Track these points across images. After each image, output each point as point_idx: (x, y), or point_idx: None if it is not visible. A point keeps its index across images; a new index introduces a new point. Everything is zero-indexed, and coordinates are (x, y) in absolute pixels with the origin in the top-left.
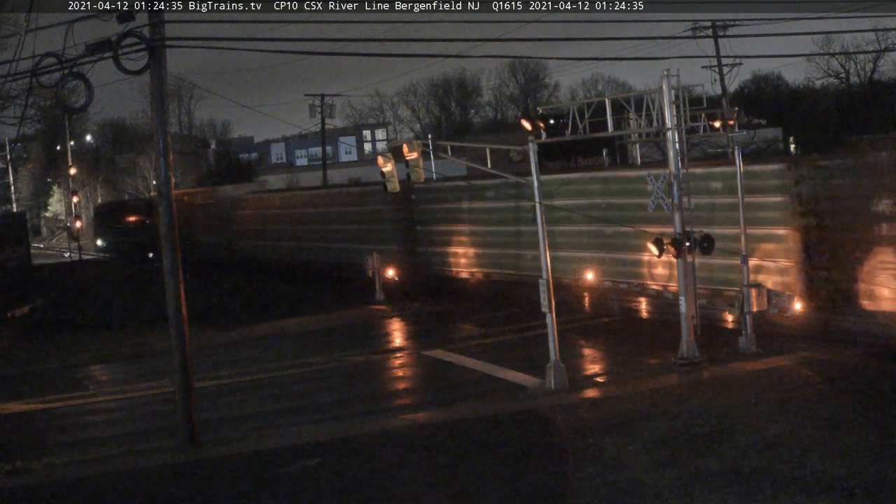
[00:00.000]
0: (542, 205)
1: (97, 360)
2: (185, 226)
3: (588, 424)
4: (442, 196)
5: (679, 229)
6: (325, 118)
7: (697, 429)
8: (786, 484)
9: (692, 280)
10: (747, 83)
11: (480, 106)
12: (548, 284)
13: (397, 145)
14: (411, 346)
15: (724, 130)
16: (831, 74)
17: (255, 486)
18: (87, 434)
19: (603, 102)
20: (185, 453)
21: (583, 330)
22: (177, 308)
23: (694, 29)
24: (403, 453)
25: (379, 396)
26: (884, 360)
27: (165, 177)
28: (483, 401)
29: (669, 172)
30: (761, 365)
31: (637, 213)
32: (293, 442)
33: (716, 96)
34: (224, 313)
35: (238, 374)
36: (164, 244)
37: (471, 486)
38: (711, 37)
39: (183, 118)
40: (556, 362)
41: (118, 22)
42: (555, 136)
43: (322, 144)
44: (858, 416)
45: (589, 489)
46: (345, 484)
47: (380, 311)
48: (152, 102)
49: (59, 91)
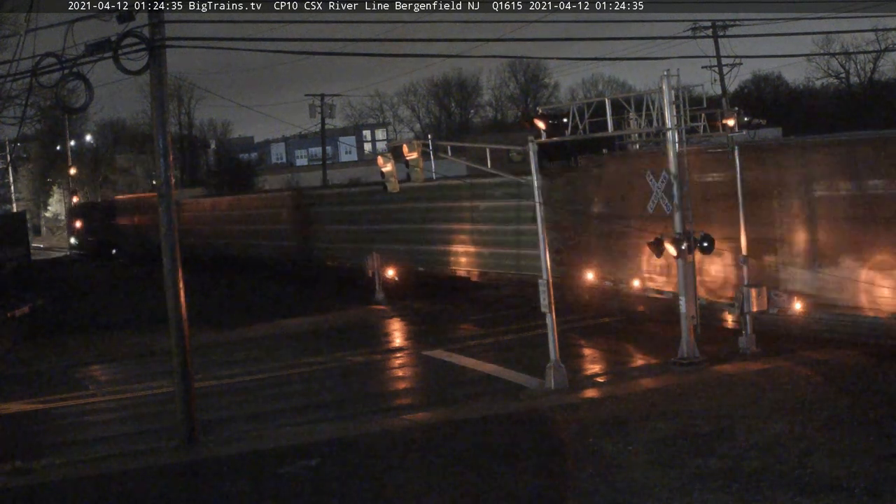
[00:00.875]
0: (541, 205)
1: (97, 360)
2: (136, 227)
3: (588, 424)
4: (336, 199)
5: (679, 229)
6: (325, 118)
7: (697, 429)
8: (786, 484)
9: (692, 280)
10: (747, 83)
11: (480, 106)
12: (548, 284)
13: (397, 145)
14: (411, 346)
15: (724, 130)
16: (831, 74)
17: (254, 486)
18: (87, 434)
19: (603, 102)
20: (185, 453)
21: (583, 330)
22: (176, 308)
23: (694, 29)
24: (403, 453)
25: (379, 396)
26: (884, 360)
27: (165, 177)
28: (483, 401)
29: (669, 171)
30: (761, 365)
31: (496, 214)
32: (293, 442)
33: (716, 96)
34: (224, 313)
35: (238, 374)
36: (164, 244)
37: (471, 487)
38: (711, 37)
39: (183, 118)
40: (556, 362)
41: (118, 22)
42: (555, 136)
43: (322, 144)
44: (858, 416)
45: (589, 489)
46: (345, 484)
47: (380, 311)
48: (152, 102)
49: (59, 91)
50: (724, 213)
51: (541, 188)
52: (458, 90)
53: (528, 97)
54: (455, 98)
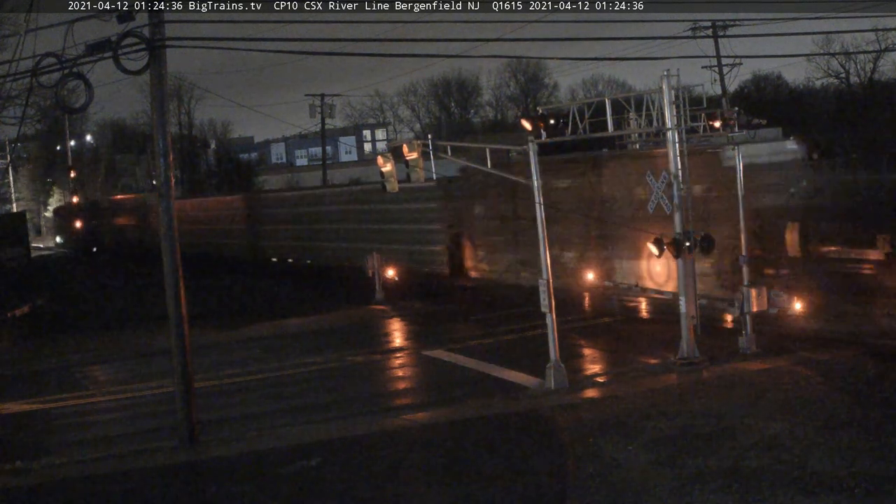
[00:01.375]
0: (542, 206)
1: (97, 360)
2: (114, 227)
3: (588, 424)
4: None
5: (679, 229)
6: (325, 118)
7: (697, 429)
8: (786, 484)
9: (692, 280)
10: (747, 83)
11: (480, 106)
12: (548, 285)
13: (397, 145)
14: (411, 346)
15: (724, 130)
16: (831, 74)
17: (254, 486)
18: (87, 434)
19: (603, 102)
20: (185, 453)
21: (583, 330)
22: (177, 308)
23: (694, 29)
24: (403, 453)
25: (379, 396)
26: (884, 360)
27: (165, 177)
28: (483, 401)
29: (669, 171)
30: (761, 365)
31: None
32: (293, 442)
33: (716, 96)
34: (224, 313)
35: (238, 374)
36: (164, 244)
37: (471, 486)
38: (711, 37)
39: (183, 118)
40: (556, 362)
41: (118, 22)
42: (555, 136)
43: (322, 144)
44: (858, 416)
45: (589, 489)
46: (345, 484)
47: (380, 311)
48: (152, 102)
49: (59, 91)
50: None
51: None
52: (458, 90)
53: (528, 97)
54: (455, 98)
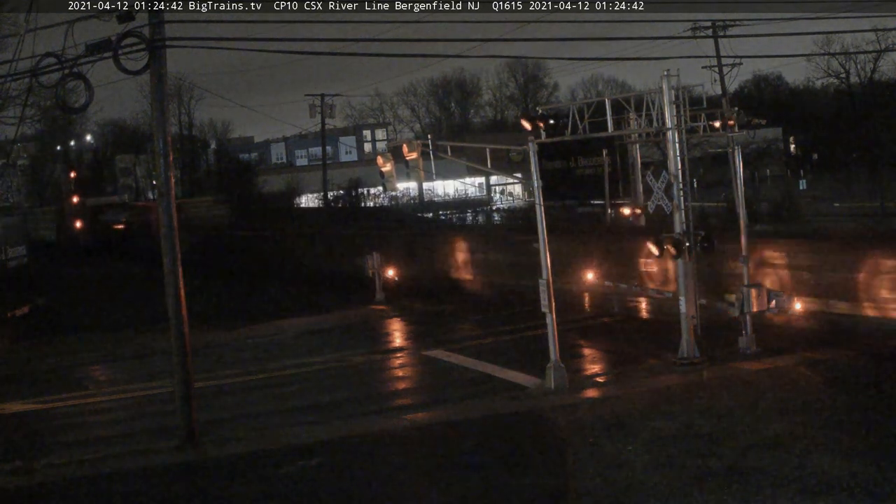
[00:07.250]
0: (541, 206)
1: (97, 360)
2: (91, 226)
3: (588, 424)
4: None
5: (679, 229)
6: (325, 118)
7: (697, 429)
8: (786, 484)
9: (692, 280)
10: (747, 83)
11: (480, 106)
12: (548, 285)
13: (397, 145)
14: (411, 346)
15: (724, 130)
16: (831, 74)
17: (254, 486)
18: (87, 434)
19: (603, 102)
20: (185, 453)
21: (583, 330)
22: (177, 308)
23: (694, 29)
24: (403, 453)
25: (379, 396)
26: (884, 360)
27: (165, 177)
28: (483, 401)
29: (669, 171)
30: (761, 365)
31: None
32: (293, 442)
33: (716, 96)
34: (223, 313)
35: (238, 374)
36: (164, 244)
37: (471, 486)
38: (711, 37)
39: (183, 118)
40: (556, 362)
41: (118, 22)
42: (555, 136)
43: (322, 144)
44: (858, 416)
45: (589, 489)
46: (345, 484)
47: (380, 311)
48: (152, 102)
49: (59, 91)
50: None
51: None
52: (458, 90)
53: (528, 97)
54: (455, 98)
